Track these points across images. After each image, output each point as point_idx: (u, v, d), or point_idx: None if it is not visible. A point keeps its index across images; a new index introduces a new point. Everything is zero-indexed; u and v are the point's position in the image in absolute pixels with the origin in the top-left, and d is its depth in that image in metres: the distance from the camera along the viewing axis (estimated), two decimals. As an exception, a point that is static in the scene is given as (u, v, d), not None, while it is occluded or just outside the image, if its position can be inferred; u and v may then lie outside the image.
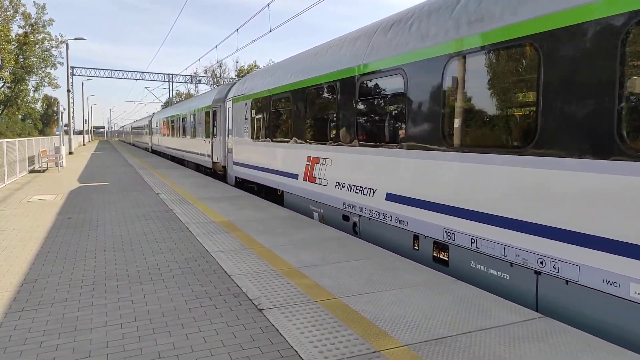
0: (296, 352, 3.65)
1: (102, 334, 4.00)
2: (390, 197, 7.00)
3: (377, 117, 7.74)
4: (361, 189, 7.76)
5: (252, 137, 13.33)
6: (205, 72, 72.79)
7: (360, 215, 7.84)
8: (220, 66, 72.62)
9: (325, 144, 8.97)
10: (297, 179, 10.18)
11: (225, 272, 5.75)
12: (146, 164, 25.16)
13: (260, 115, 12.69)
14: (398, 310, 4.44)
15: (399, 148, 6.76)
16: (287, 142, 10.71)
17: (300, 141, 10.06)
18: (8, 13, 56.68)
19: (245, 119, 13.93)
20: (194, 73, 71.13)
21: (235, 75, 71.48)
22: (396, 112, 7.10)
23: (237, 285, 5.24)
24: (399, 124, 6.96)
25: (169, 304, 4.70)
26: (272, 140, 11.71)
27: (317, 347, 3.72)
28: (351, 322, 4.17)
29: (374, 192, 7.40)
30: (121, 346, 3.78)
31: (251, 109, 13.34)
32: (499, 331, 3.99)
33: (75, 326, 4.17)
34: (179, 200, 11.64)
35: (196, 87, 73.89)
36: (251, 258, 6.32)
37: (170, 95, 66.22)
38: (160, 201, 11.65)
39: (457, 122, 5.80)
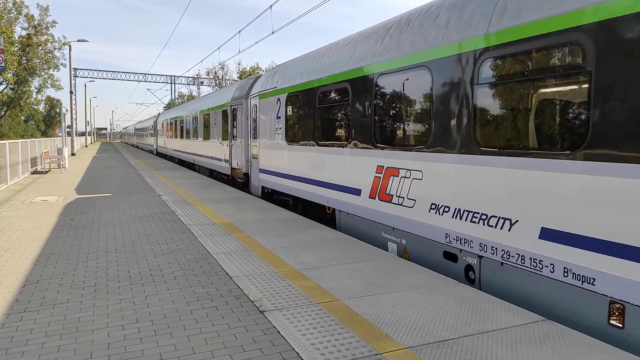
0: (298, 354, 3.65)
1: (104, 336, 4.01)
2: (551, 235, 4.63)
3: (519, 111, 5.20)
4: (484, 217, 5.43)
5: (288, 140, 11.10)
6: (208, 74, 72.98)
7: (480, 257, 5.51)
8: (222, 68, 72.76)
9: (410, 150, 6.70)
10: (360, 195, 7.98)
11: (227, 273, 5.75)
12: (148, 166, 25.21)
13: (299, 113, 10.47)
14: (400, 313, 4.44)
15: (572, 158, 4.43)
16: (344, 146, 8.50)
17: (364, 145, 7.84)
18: (11, 15, 56.89)
19: (278, 117, 11.62)
20: (197, 75, 71.34)
21: (238, 77, 71.57)
22: (566, 101, 4.76)
23: (239, 287, 5.24)
24: (573, 119, 4.66)
25: (170, 306, 4.71)
26: (319, 144, 9.49)
27: (318, 349, 3.72)
28: (353, 325, 4.17)
29: (511, 224, 5.08)
30: (123, 347, 3.79)
31: (286, 105, 11.11)
32: (501, 334, 3.98)
33: (77, 327, 4.18)
34: (180, 202, 11.66)
35: (198, 88, 74.10)
36: (253, 260, 6.32)
37: (173, 97, 66.48)
38: (162, 203, 11.66)
39: None
